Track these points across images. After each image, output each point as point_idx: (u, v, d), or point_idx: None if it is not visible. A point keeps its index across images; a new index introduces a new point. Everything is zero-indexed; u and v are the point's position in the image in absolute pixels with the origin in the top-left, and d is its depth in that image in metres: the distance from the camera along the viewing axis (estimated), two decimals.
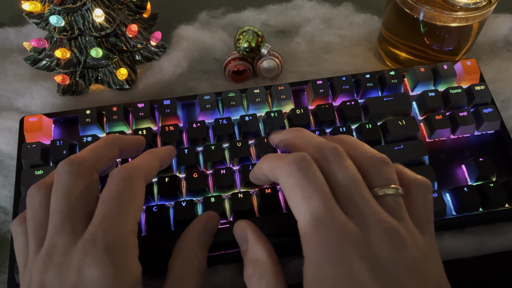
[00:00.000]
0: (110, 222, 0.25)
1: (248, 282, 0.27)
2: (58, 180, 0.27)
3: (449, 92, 0.39)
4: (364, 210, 0.24)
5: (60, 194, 0.26)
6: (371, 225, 0.24)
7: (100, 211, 0.26)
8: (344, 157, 0.26)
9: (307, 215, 0.24)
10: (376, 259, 0.23)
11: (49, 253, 0.25)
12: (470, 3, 0.39)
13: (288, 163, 0.26)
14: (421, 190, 0.27)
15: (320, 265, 0.23)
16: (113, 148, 0.30)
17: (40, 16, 0.42)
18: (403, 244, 0.23)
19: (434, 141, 0.39)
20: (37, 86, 0.45)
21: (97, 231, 0.25)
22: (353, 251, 0.23)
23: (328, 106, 0.38)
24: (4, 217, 0.38)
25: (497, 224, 0.36)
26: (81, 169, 0.27)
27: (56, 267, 0.24)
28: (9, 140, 0.41)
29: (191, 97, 0.41)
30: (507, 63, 0.46)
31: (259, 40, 0.43)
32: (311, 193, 0.24)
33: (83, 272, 0.23)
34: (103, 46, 0.43)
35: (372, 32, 0.49)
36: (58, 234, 0.25)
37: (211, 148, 0.36)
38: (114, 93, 0.45)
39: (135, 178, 0.27)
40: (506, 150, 0.38)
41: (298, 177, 0.25)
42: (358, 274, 0.22)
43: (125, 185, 0.27)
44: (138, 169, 0.28)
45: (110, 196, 0.26)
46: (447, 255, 0.34)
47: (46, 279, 0.24)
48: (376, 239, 0.23)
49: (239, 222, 0.30)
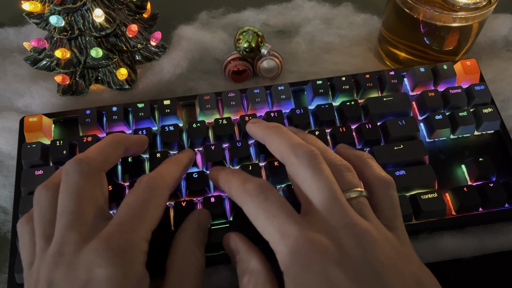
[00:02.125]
0: (128, 226, 0.26)
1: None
2: (67, 180, 0.27)
3: (449, 92, 0.39)
4: (335, 215, 0.25)
5: (69, 193, 0.27)
6: (342, 229, 0.24)
7: (122, 213, 0.26)
8: (320, 161, 0.27)
9: (275, 233, 0.25)
10: (350, 261, 0.23)
11: (59, 251, 0.25)
12: (470, 3, 0.39)
13: (249, 193, 0.27)
14: (383, 188, 0.28)
15: (296, 276, 0.24)
16: (119, 148, 0.31)
17: (40, 16, 0.42)
18: (374, 243, 0.24)
19: (434, 141, 0.39)
20: (37, 86, 0.45)
21: (115, 231, 0.25)
22: (326, 258, 0.23)
23: (328, 106, 0.38)
24: (4, 217, 0.38)
25: (497, 224, 0.36)
26: (90, 169, 0.28)
27: (66, 265, 0.24)
28: (9, 140, 0.41)
29: (191, 97, 0.41)
30: (507, 63, 0.46)
31: (259, 40, 0.43)
32: (274, 212, 0.26)
33: (93, 271, 0.24)
34: (103, 46, 0.43)
35: (372, 32, 0.49)
36: (68, 232, 0.25)
37: (211, 148, 0.36)
38: (114, 93, 0.45)
39: (162, 189, 0.28)
40: (506, 150, 0.38)
41: (258, 202, 0.26)
42: (334, 279, 0.23)
43: (151, 194, 0.28)
44: (166, 181, 0.29)
45: (135, 202, 0.27)
46: (447, 255, 0.35)
47: (55, 276, 0.24)
48: (348, 242, 0.24)
49: (228, 234, 0.30)
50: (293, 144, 0.28)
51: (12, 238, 0.35)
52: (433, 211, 0.34)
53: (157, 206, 0.28)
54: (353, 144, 0.37)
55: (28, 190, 0.36)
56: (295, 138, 0.29)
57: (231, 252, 0.30)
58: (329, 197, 0.26)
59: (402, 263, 0.24)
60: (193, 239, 0.30)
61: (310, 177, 0.26)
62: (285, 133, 0.30)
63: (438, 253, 0.34)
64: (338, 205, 0.25)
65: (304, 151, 0.27)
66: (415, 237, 0.35)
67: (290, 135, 0.30)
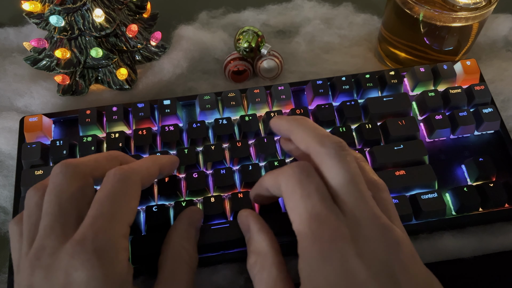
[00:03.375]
0: (101, 225, 0.24)
1: (250, 271, 0.27)
2: (52, 181, 0.26)
3: (449, 92, 0.39)
4: (361, 206, 0.25)
5: (52, 195, 0.26)
6: (367, 221, 0.24)
7: (92, 212, 0.25)
8: (347, 152, 0.27)
9: (304, 213, 0.25)
10: (371, 255, 0.23)
11: (37, 255, 0.24)
12: (470, 3, 0.39)
13: (291, 167, 0.27)
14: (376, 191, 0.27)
15: (314, 262, 0.23)
16: (114, 162, 0.29)
17: (40, 16, 0.42)
18: (398, 242, 0.24)
19: (434, 141, 0.39)
20: (37, 86, 0.45)
21: (88, 232, 0.24)
22: (347, 248, 0.23)
23: (328, 106, 0.38)
24: (4, 217, 0.38)
25: (497, 224, 0.36)
26: (75, 172, 0.27)
27: (43, 269, 0.24)
28: (9, 140, 0.41)
29: (191, 97, 0.41)
30: (507, 63, 0.46)
31: (259, 40, 0.43)
32: (310, 192, 0.25)
33: (71, 275, 0.23)
34: (103, 46, 0.43)
35: (372, 32, 0.49)
36: (47, 235, 0.25)
37: (211, 148, 0.36)
38: (114, 93, 0.45)
39: (132, 180, 0.27)
40: (506, 150, 0.38)
41: (299, 178, 0.26)
42: (354, 270, 0.23)
43: (120, 186, 0.26)
44: (136, 172, 0.28)
45: (104, 197, 0.26)
46: (447, 255, 0.34)
47: (34, 281, 0.24)
48: (372, 235, 0.24)
49: (243, 212, 0.30)
50: (321, 134, 0.28)
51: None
52: (433, 211, 0.34)
53: (130, 199, 0.26)
54: (353, 144, 0.37)
55: None
56: (322, 129, 0.29)
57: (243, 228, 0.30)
58: (354, 189, 0.25)
59: (415, 263, 0.24)
60: (185, 236, 0.30)
61: (336, 168, 0.26)
62: (312, 124, 0.29)
63: (438, 253, 0.34)
64: (364, 199, 0.25)
65: (332, 141, 0.27)
66: (415, 237, 0.35)
67: (317, 126, 0.29)
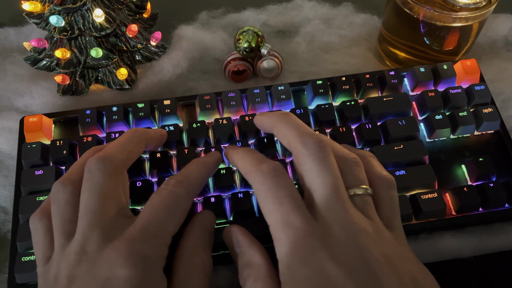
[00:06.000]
0: (152, 230, 0.26)
1: (244, 285, 0.27)
2: (91, 178, 0.27)
3: (449, 92, 0.39)
4: (335, 212, 0.25)
5: (92, 192, 0.27)
6: (340, 226, 0.24)
7: (146, 215, 0.26)
8: (328, 153, 0.27)
9: (278, 220, 0.25)
10: (345, 258, 0.23)
11: (82, 249, 0.25)
12: (470, 3, 0.39)
13: (262, 173, 0.27)
14: (384, 188, 0.28)
15: (292, 267, 0.24)
16: (140, 144, 0.31)
17: (40, 16, 0.42)
18: (371, 242, 0.24)
19: (434, 141, 0.39)
20: (37, 86, 0.45)
21: (138, 234, 0.25)
22: (322, 252, 0.23)
23: (328, 106, 0.39)
24: (4, 217, 0.38)
25: (497, 224, 0.36)
26: (113, 168, 0.28)
27: (88, 262, 0.25)
28: (9, 140, 0.41)
29: (191, 97, 0.41)
30: (507, 63, 0.46)
31: (259, 40, 0.43)
32: (281, 199, 0.25)
33: (114, 270, 0.24)
34: (103, 46, 0.43)
35: (372, 32, 0.49)
36: (91, 231, 0.26)
37: (211, 148, 0.36)
38: (114, 93, 0.45)
39: (187, 195, 0.28)
40: (506, 150, 0.38)
41: (269, 184, 0.26)
42: (330, 273, 0.23)
43: (176, 200, 0.28)
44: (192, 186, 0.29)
45: (160, 206, 0.27)
46: (447, 255, 0.35)
47: (77, 272, 0.24)
48: (344, 239, 0.24)
49: (229, 227, 0.30)
50: (303, 132, 0.28)
51: (12, 238, 0.35)
52: (433, 211, 0.34)
53: (181, 212, 0.28)
54: (353, 144, 0.37)
55: (28, 190, 0.36)
56: (305, 127, 0.29)
57: (231, 245, 0.29)
58: (331, 193, 0.25)
59: (399, 262, 0.24)
60: (198, 241, 0.29)
61: (315, 170, 0.26)
62: (295, 121, 0.29)
63: (438, 253, 0.35)
64: (338, 202, 0.25)
65: (313, 141, 0.27)
66: (415, 237, 0.35)
67: (300, 123, 0.29)
